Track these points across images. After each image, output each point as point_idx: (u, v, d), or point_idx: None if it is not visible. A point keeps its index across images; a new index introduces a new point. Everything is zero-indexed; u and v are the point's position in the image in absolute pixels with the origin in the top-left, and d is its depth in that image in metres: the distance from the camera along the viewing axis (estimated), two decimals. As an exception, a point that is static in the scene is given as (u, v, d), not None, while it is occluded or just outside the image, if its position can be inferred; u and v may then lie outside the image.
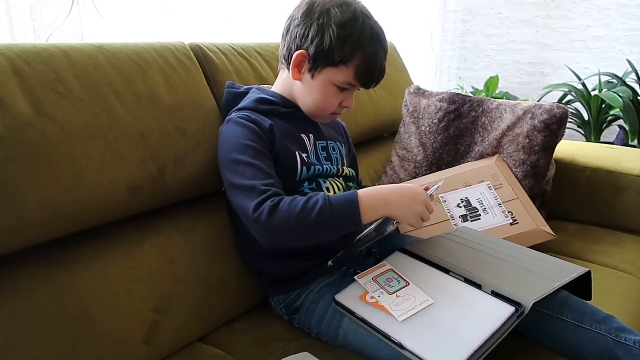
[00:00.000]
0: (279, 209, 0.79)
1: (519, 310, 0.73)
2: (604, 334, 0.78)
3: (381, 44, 0.93)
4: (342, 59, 0.90)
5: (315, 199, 0.80)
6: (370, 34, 0.90)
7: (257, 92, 1.00)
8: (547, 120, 1.26)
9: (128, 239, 0.87)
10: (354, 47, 0.89)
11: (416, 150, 1.43)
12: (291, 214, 0.79)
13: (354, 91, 0.98)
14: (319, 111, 0.98)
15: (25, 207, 0.71)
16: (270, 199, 0.81)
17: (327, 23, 0.89)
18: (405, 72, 1.76)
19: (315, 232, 0.81)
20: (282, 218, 0.79)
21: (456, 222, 1.19)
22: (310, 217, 0.79)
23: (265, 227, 0.80)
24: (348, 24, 0.89)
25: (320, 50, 0.90)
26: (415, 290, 0.81)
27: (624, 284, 1.11)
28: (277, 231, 0.80)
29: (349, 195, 0.82)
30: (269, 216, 0.79)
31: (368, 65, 0.91)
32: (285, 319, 0.97)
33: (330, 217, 0.79)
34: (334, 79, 0.92)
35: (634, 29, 2.77)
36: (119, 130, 0.83)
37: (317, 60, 0.91)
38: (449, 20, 3.34)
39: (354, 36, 0.89)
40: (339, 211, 0.80)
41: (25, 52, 0.77)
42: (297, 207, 0.79)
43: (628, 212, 1.37)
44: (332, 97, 0.95)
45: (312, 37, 0.91)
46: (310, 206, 0.79)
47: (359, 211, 0.80)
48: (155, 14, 1.62)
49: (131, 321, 0.82)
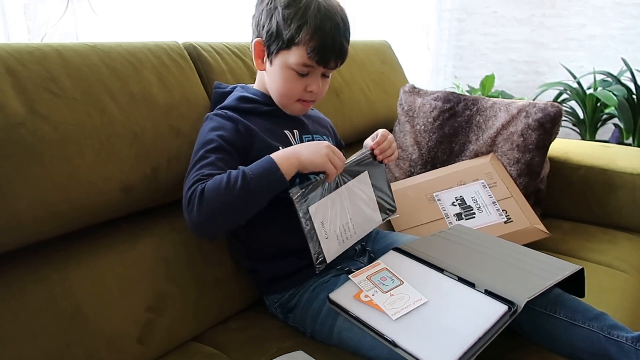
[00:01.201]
0: (206, 190, 0.79)
1: (512, 308, 0.73)
2: (596, 332, 0.78)
3: (330, 18, 0.89)
4: (290, 38, 0.88)
5: (236, 172, 0.81)
6: (316, 9, 0.88)
7: (240, 91, 1.00)
8: (541, 119, 1.27)
9: (122, 239, 0.87)
10: (298, 23, 0.88)
11: (411, 149, 1.44)
12: (217, 191, 0.78)
13: (319, 74, 0.94)
14: (285, 99, 0.97)
15: (18, 207, 0.71)
16: (200, 181, 0.81)
17: (273, 7, 0.90)
18: (401, 70, 1.77)
19: (245, 199, 0.80)
20: (209, 198, 0.78)
21: (451, 220, 1.20)
22: (236, 187, 0.78)
23: (196, 209, 0.78)
24: (292, 3, 0.88)
25: (270, 34, 0.90)
26: (409, 289, 0.82)
27: (617, 282, 1.12)
28: (205, 213, 0.79)
29: (263, 158, 0.83)
30: (199, 198, 0.78)
31: (317, 40, 0.88)
32: (280, 318, 0.97)
33: (253, 179, 0.79)
34: (288, 62, 0.91)
35: (629, 27, 2.78)
36: (112, 130, 0.83)
37: (270, 45, 0.91)
38: (445, 19, 3.34)
39: (298, 13, 0.88)
40: (259, 171, 0.81)
41: (19, 52, 0.77)
42: (221, 183, 0.79)
43: (622, 210, 1.38)
44: (292, 82, 0.93)
45: (262, 23, 0.91)
46: (233, 177, 0.79)
47: (276, 164, 0.81)
48: (150, 13, 1.61)
49: (125, 320, 0.82)
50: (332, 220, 0.91)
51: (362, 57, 1.57)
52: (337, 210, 0.92)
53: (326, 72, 0.95)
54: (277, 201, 0.86)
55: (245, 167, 0.81)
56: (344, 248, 0.93)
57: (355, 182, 0.95)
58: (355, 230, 0.95)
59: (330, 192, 0.91)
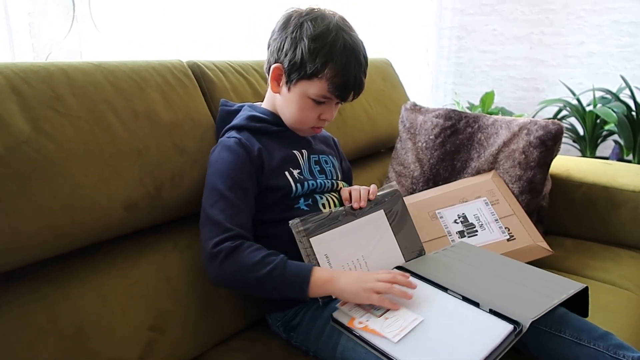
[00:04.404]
0: (237, 254, 0.82)
1: (517, 328, 0.73)
2: (602, 351, 0.78)
3: (354, 56, 0.91)
4: (314, 71, 0.90)
5: (274, 257, 0.82)
6: (342, 46, 0.90)
7: (249, 110, 1.00)
8: (542, 136, 1.27)
9: (124, 257, 0.87)
10: (324, 60, 0.89)
11: (413, 166, 1.44)
12: (247, 262, 0.81)
13: (333, 104, 0.97)
14: (299, 124, 0.98)
15: (21, 225, 0.70)
16: (230, 240, 0.83)
17: (299, 36, 0.90)
18: (402, 88, 1.78)
19: (261, 286, 0.83)
20: (237, 263, 0.82)
21: (453, 238, 1.19)
22: (262, 271, 0.81)
23: (218, 266, 0.82)
24: (320, 37, 0.89)
25: (294, 63, 0.91)
26: (402, 310, 0.80)
27: (621, 300, 1.11)
28: (227, 274, 0.82)
29: (305, 266, 0.84)
30: (225, 257, 0.81)
31: (340, 77, 0.90)
32: (282, 336, 0.96)
33: (279, 278, 0.81)
34: (308, 92, 0.92)
35: (627, 45, 2.80)
36: (116, 148, 0.83)
37: (292, 73, 0.92)
38: (445, 37, 3.37)
39: (325, 48, 0.89)
40: (290, 276, 0.82)
41: (24, 71, 0.77)
42: (254, 258, 0.81)
43: (624, 227, 1.38)
44: (309, 110, 0.95)
45: (286, 51, 0.92)
46: (267, 261, 0.81)
47: (308, 286, 0.82)
48: (154, 32, 1.63)
49: (127, 340, 0.82)
50: (339, 254, 0.90)
51: (364, 75, 1.58)
52: (347, 245, 0.91)
53: (347, 102, 0.97)
54: (282, 220, 0.86)
55: (279, 264, 0.82)
56: None
57: (369, 219, 0.95)
58: (370, 268, 0.92)
59: (339, 227, 0.91)
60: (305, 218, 0.89)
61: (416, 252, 0.99)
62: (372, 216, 0.96)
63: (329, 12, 0.94)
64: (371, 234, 0.95)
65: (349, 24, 0.95)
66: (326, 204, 0.98)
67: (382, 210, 0.97)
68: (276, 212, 0.94)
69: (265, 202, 0.93)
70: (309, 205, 0.96)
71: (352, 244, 0.92)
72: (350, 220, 0.93)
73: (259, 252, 0.83)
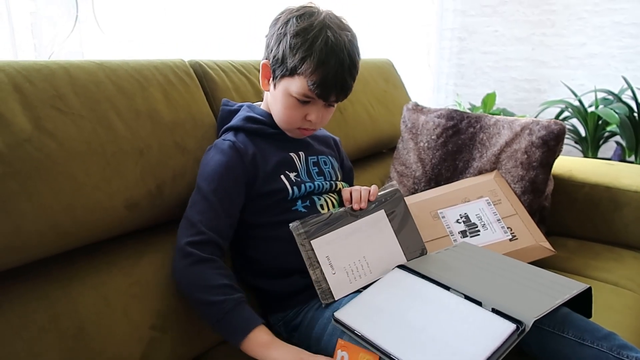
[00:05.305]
0: (204, 268, 0.82)
1: (520, 328, 0.72)
2: (605, 352, 0.77)
3: (335, 54, 0.87)
4: (294, 67, 0.88)
5: (233, 292, 0.81)
6: (323, 42, 0.86)
7: (247, 111, 1.00)
8: (544, 136, 1.27)
9: (126, 255, 0.87)
10: (303, 55, 0.87)
11: (415, 166, 1.44)
12: (207, 280, 0.81)
13: (320, 105, 0.93)
14: (285, 124, 0.96)
15: (23, 224, 0.70)
16: (202, 244, 0.83)
17: (283, 33, 0.89)
18: (403, 88, 1.78)
19: (202, 310, 0.82)
20: (198, 276, 0.81)
21: (455, 237, 1.19)
22: (215, 297, 0.80)
23: (185, 267, 0.82)
24: (301, 33, 0.87)
25: (276, 59, 0.90)
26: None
27: (624, 301, 1.10)
28: (188, 279, 0.82)
29: (254, 320, 0.81)
30: (193, 263, 0.82)
31: (319, 74, 0.87)
32: (284, 336, 0.95)
33: (225, 313, 0.80)
34: (290, 90, 0.90)
35: (629, 46, 2.80)
36: (118, 147, 0.83)
37: (275, 70, 0.91)
38: (446, 38, 3.37)
39: (305, 44, 0.86)
40: (234, 318, 0.80)
41: (26, 69, 0.77)
42: (216, 281, 0.81)
43: (627, 228, 1.37)
44: (293, 110, 0.92)
45: (271, 47, 0.91)
46: (225, 292, 0.81)
47: (243, 338, 0.79)
48: (156, 31, 1.63)
49: (128, 339, 0.81)
50: (340, 255, 0.90)
51: (366, 76, 1.58)
52: (348, 247, 0.91)
53: (330, 102, 0.94)
54: (279, 222, 0.85)
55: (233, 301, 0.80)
56: (357, 286, 0.90)
57: (370, 219, 0.94)
58: (372, 269, 0.92)
59: (339, 227, 0.90)
60: (306, 220, 0.89)
61: (418, 252, 0.98)
62: (373, 217, 0.95)
63: (322, 10, 0.92)
64: (372, 234, 0.94)
65: (344, 23, 0.92)
66: (324, 205, 0.97)
67: (383, 211, 0.96)
68: (274, 215, 0.93)
69: (262, 205, 0.93)
70: (306, 207, 0.95)
71: (353, 245, 0.92)
72: (351, 221, 0.93)
73: (225, 279, 0.82)
